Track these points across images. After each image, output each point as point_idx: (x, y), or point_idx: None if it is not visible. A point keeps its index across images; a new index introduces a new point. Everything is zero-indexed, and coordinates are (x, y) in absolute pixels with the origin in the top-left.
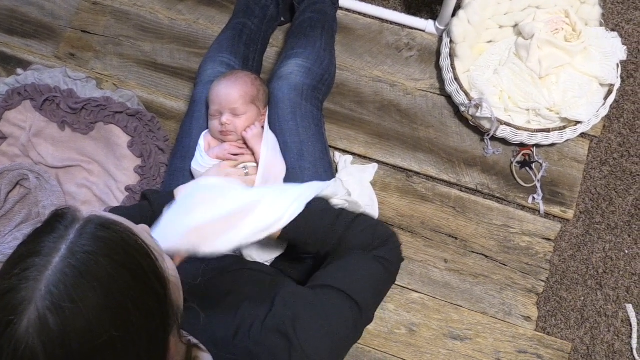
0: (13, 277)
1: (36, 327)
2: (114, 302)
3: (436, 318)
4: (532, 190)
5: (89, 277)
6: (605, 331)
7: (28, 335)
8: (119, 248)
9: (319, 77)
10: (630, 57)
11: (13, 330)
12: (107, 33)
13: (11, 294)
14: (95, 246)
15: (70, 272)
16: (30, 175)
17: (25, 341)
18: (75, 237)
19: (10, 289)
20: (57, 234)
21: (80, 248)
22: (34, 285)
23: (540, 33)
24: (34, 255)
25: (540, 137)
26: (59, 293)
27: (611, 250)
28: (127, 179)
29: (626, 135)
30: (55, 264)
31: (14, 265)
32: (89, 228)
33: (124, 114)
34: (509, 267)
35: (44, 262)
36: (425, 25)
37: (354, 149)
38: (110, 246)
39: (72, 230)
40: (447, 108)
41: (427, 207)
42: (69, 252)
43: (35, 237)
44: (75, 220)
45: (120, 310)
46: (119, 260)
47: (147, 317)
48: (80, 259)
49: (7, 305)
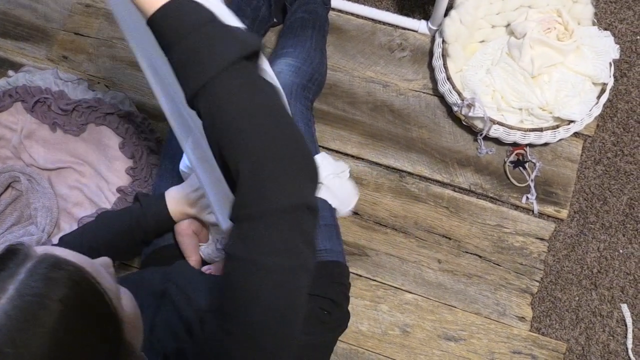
0: None
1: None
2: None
3: (430, 319)
4: (526, 190)
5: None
6: (600, 331)
7: None
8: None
9: (308, 75)
10: (623, 55)
11: None
12: (100, 35)
13: None
14: (45, 288)
15: (16, 315)
16: (21, 177)
17: None
18: (25, 277)
19: None
20: (6, 272)
21: (29, 290)
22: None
23: (532, 32)
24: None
25: (533, 136)
26: (1, 336)
27: (606, 250)
28: (119, 180)
29: (620, 134)
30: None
31: None
32: (39, 268)
33: (115, 115)
34: (502, 267)
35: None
36: (417, 26)
37: (347, 150)
38: (62, 288)
39: (22, 269)
40: (440, 108)
41: (421, 207)
42: (17, 292)
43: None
44: (28, 257)
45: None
46: (69, 304)
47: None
48: (27, 302)
49: None
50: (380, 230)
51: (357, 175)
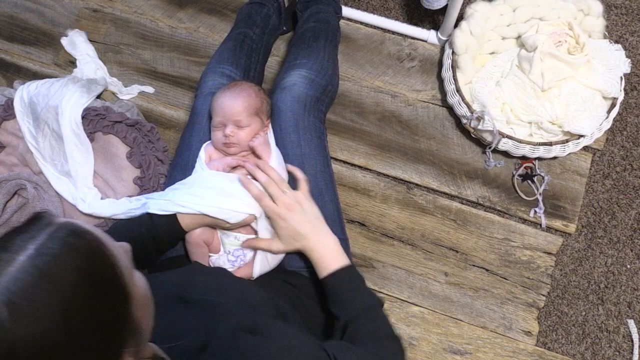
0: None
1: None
2: (69, 309)
3: (436, 332)
4: (534, 204)
5: (50, 279)
6: (606, 346)
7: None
8: (85, 257)
9: (322, 88)
10: (634, 69)
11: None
12: (107, 41)
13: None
14: (62, 251)
15: (33, 271)
16: (28, 185)
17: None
18: (44, 240)
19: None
20: (29, 234)
21: (47, 250)
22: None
23: (543, 45)
24: (2, 251)
25: (542, 150)
26: (17, 290)
27: (613, 265)
28: (126, 190)
29: (629, 148)
30: (19, 262)
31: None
32: (60, 233)
33: (123, 124)
34: (509, 281)
35: (9, 258)
36: (427, 36)
37: (354, 160)
38: (77, 254)
39: (43, 233)
40: (449, 120)
41: (428, 219)
42: (36, 252)
43: (9, 235)
44: (50, 224)
45: (74, 317)
46: (82, 269)
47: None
48: (45, 261)
49: None
50: (387, 242)
51: (365, 186)
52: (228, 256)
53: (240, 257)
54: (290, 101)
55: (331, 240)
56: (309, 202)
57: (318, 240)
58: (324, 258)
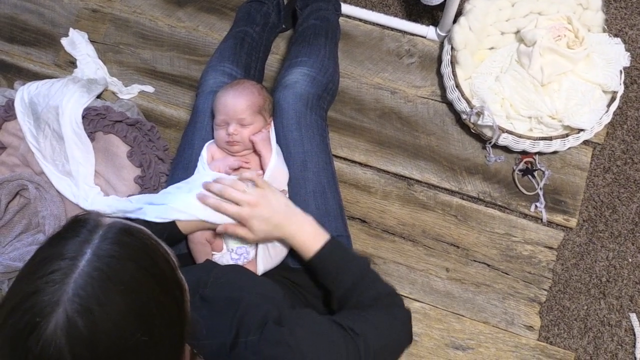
0: (37, 280)
1: (64, 330)
2: (140, 306)
3: (438, 327)
4: (535, 199)
5: (116, 280)
6: (608, 340)
7: (56, 338)
8: (142, 253)
9: (323, 85)
10: (634, 63)
11: (40, 332)
12: (107, 40)
13: (36, 296)
14: (120, 251)
15: (98, 275)
16: (29, 186)
17: (53, 343)
18: (99, 242)
19: (35, 292)
20: (82, 237)
21: (106, 252)
22: (60, 287)
23: (542, 40)
24: (58, 259)
25: (542, 145)
26: (87, 296)
27: (614, 259)
28: (127, 189)
29: (630, 142)
30: (81, 267)
31: (37, 268)
32: (111, 233)
33: (123, 123)
34: (511, 276)
35: (69, 265)
36: (426, 32)
37: (354, 157)
38: (135, 251)
39: (95, 235)
40: (449, 115)
41: (429, 215)
42: (95, 255)
43: (58, 242)
44: (98, 225)
45: (145, 313)
46: (143, 265)
47: (169, 322)
48: (106, 263)
49: (32, 308)
50: (388, 239)
51: (365, 183)
52: (231, 254)
53: (244, 255)
54: (292, 99)
55: (306, 223)
56: (272, 192)
57: (294, 226)
58: (304, 242)
